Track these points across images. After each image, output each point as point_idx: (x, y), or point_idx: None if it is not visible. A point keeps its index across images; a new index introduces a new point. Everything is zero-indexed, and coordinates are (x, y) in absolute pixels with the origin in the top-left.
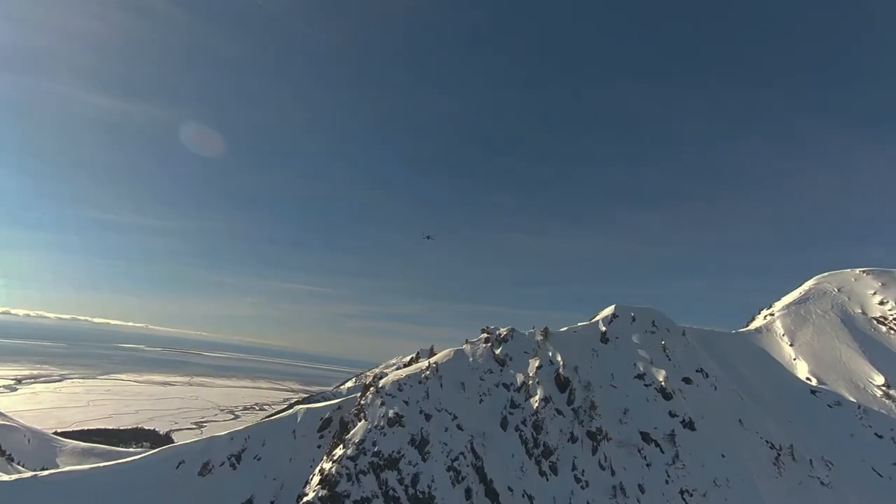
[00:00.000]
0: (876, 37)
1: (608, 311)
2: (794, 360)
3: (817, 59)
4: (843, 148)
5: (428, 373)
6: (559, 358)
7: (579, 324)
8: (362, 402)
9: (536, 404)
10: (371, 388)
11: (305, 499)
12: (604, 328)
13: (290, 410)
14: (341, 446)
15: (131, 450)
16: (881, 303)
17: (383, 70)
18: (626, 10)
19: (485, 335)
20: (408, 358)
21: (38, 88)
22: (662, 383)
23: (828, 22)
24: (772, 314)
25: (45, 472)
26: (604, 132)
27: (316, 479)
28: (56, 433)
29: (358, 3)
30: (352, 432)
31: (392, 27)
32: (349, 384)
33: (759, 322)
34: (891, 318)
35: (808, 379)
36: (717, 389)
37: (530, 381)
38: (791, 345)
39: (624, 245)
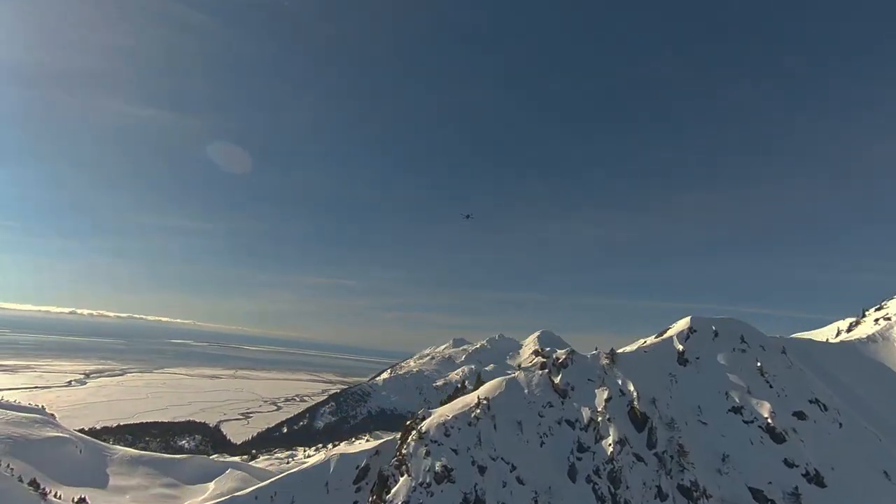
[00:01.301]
0: None
1: (682, 323)
2: None
3: None
4: None
5: (478, 411)
6: (631, 387)
7: (648, 341)
8: (404, 450)
9: (611, 448)
10: (413, 433)
11: None
12: (680, 346)
13: (322, 456)
14: None
15: (178, 457)
16: None
17: (414, 65)
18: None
19: (539, 359)
20: (441, 347)
21: (96, 106)
22: (769, 420)
23: None
24: (887, 317)
25: None
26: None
27: None
28: (119, 426)
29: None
30: (393, 491)
31: (421, 27)
32: (385, 375)
33: (868, 327)
34: None
35: None
36: (843, 427)
37: (599, 418)
38: None
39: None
